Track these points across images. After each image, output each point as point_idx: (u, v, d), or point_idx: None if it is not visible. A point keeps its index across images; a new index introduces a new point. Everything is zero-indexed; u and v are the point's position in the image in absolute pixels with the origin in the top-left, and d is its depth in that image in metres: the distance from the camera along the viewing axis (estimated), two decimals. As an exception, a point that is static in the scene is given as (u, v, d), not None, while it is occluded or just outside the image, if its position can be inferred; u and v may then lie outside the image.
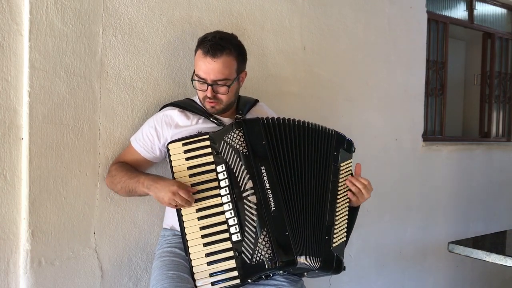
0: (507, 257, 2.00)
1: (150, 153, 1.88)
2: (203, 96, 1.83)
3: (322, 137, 1.83)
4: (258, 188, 1.68)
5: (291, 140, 1.77)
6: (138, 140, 1.89)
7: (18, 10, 1.75)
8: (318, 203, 1.76)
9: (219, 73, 1.77)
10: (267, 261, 1.63)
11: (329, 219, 1.76)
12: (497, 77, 4.27)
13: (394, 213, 3.13)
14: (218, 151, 1.72)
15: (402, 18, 3.12)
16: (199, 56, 1.79)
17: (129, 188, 1.79)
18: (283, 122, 1.79)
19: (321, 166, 1.80)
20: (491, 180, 3.86)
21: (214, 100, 1.81)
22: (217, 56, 1.75)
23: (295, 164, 1.76)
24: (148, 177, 1.76)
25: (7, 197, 1.75)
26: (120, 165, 1.88)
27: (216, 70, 1.76)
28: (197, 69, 1.81)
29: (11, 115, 1.75)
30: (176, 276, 1.67)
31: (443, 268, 3.52)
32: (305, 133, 1.80)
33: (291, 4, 2.52)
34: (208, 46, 1.75)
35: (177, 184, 1.65)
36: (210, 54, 1.75)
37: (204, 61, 1.76)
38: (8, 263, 1.76)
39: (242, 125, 1.73)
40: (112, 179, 1.85)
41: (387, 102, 3.04)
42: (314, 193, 1.77)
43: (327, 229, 1.75)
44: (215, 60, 1.75)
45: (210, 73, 1.77)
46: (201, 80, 1.79)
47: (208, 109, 1.86)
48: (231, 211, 1.68)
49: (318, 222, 1.75)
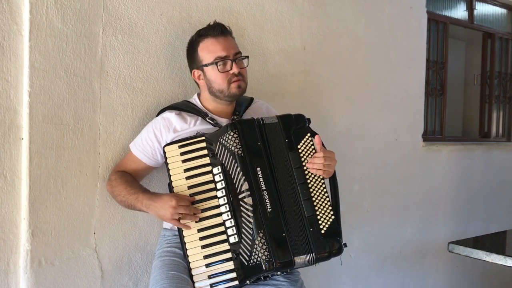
0: (507, 257, 2.00)
1: (151, 159, 1.87)
2: (228, 78, 1.82)
3: (273, 130, 1.76)
4: (254, 189, 1.68)
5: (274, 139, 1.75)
6: (137, 146, 1.88)
7: (18, 10, 1.75)
8: (293, 198, 1.72)
9: (236, 47, 1.87)
10: (265, 262, 1.63)
11: (307, 209, 1.70)
12: (497, 77, 4.27)
13: (394, 213, 3.13)
14: (214, 153, 1.72)
15: (402, 18, 3.12)
16: (209, 42, 1.84)
17: (129, 203, 1.78)
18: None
19: (284, 160, 1.74)
20: (491, 180, 3.86)
21: (240, 77, 1.83)
22: (227, 36, 1.87)
23: (282, 163, 1.74)
24: (146, 195, 1.73)
25: (7, 197, 1.75)
26: (120, 175, 1.85)
27: (234, 45, 1.87)
28: (211, 53, 1.82)
29: (11, 115, 1.75)
30: (176, 277, 1.67)
31: (443, 268, 3.52)
32: (271, 130, 1.76)
33: (291, 4, 2.52)
34: (218, 30, 1.84)
35: (175, 197, 1.64)
36: (222, 35, 1.85)
37: (219, 41, 1.83)
38: (8, 263, 1.76)
39: (237, 126, 1.72)
40: (113, 189, 1.85)
41: (387, 102, 3.04)
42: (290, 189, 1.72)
43: (309, 220, 1.70)
44: (227, 38, 1.86)
45: (230, 48, 1.83)
46: (223, 59, 1.81)
47: (233, 92, 1.83)
48: (228, 213, 1.68)
49: (299, 217, 1.70)
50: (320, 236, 1.69)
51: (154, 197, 1.71)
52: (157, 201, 1.68)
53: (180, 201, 1.63)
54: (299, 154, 1.75)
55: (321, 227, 1.70)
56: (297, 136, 1.76)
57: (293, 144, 1.75)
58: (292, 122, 1.77)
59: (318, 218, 1.71)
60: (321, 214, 1.72)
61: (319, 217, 1.71)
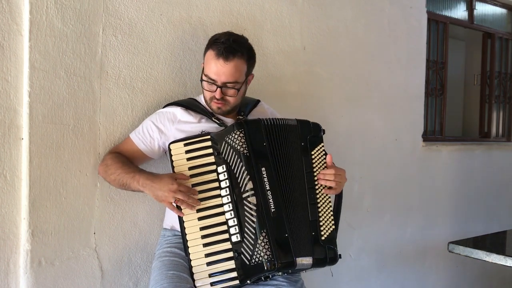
0: (507, 257, 2.00)
1: (147, 146, 1.86)
2: (210, 97, 1.83)
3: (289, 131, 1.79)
4: (258, 189, 1.68)
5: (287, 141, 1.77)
6: (137, 133, 1.88)
7: (18, 10, 1.75)
8: (301, 200, 1.74)
9: (230, 76, 1.77)
10: (266, 262, 1.63)
11: (312, 214, 1.74)
12: (497, 77, 4.27)
13: (394, 213, 3.13)
14: (219, 152, 1.72)
15: (402, 18, 3.12)
16: (211, 57, 1.78)
17: (123, 182, 1.76)
18: (281, 122, 1.78)
19: (295, 162, 1.77)
20: (491, 180, 3.86)
21: (221, 102, 1.81)
22: (230, 59, 1.75)
23: (291, 165, 1.75)
24: (143, 174, 1.73)
25: (7, 197, 1.75)
26: (115, 155, 1.84)
27: (228, 73, 1.76)
28: (207, 69, 1.79)
29: (11, 115, 1.75)
30: (176, 276, 1.66)
31: (443, 268, 3.52)
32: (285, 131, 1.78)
33: (291, 4, 2.52)
34: (222, 49, 1.74)
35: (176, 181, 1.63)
36: (223, 57, 1.74)
37: (216, 63, 1.76)
38: (8, 263, 1.76)
39: (244, 126, 1.72)
40: (106, 168, 1.82)
41: (387, 102, 3.04)
42: (298, 191, 1.75)
43: (312, 224, 1.73)
44: (227, 63, 1.75)
45: (221, 75, 1.77)
46: (211, 81, 1.79)
47: (214, 110, 1.85)
48: (231, 212, 1.68)
49: (304, 219, 1.73)
50: (320, 241, 1.72)
51: (152, 177, 1.69)
52: (156, 181, 1.66)
53: (181, 186, 1.63)
54: (311, 160, 1.79)
55: (322, 233, 1.74)
56: (311, 143, 1.80)
57: (307, 149, 1.79)
58: (309, 129, 1.82)
59: (320, 224, 1.74)
60: (323, 221, 1.76)
61: (321, 223, 1.75)
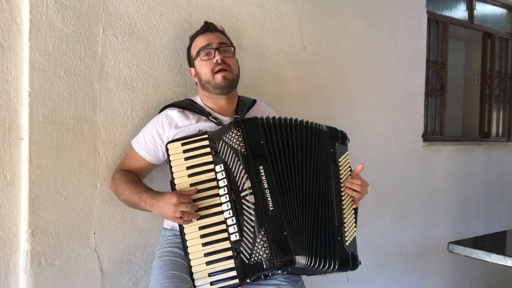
0: (507, 257, 2.00)
1: (153, 156, 1.87)
2: (212, 68, 1.86)
3: (316, 135, 1.83)
4: (256, 187, 1.68)
5: (289, 140, 1.77)
6: (140, 143, 1.88)
7: (18, 10, 1.75)
8: (324, 204, 1.77)
9: (221, 38, 1.93)
10: (265, 261, 1.62)
11: (339, 219, 1.78)
12: (497, 77, 4.27)
13: (394, 213, 3.13)
14: (217, 151, 1.72)
15: (402, 18, 3.12)
16: (197, 39, 1.93)
17: (133, 202, 1.79)
18: (282, 121, 1.78)
19: (321, 166, 1.80)
20: (491, 180, 3.86)
21: (224, 65, 1.86)
22: (215, 31, 1.95)
23: (293, 164, 1.75)
24: (149, 194, 1.74)
25: (7, 197, 1.75)
26: (123, 174, 1.86)
27: (218, 37, 1.92)
28: (198, 46, 1.90)
29: (11, 115, 1.75)
30: (176, 276, 1.66)
31: (443, 268, 3.52)
32: (302, 133, 1.80)
33: (291, 4, 2.52)
34: (205, 27, 1.95)
35: (176, 195, 1.64)
36: (209, 30, 1.94)
37: (204, 35, 1.92)
38: (8, 263, 1.76)
39: (241, 124, 1.72)
40: (116, 188, 1.85)
41: (387, 102, 3.04)
42: (317, 194, 1.77)
43: (338, 229, 1.77)
44: (214, 33, 1.94)
45: (213, 38, 1.90)
46: (207, 48, 1.87)
47: (219, 83, 1.86)
48: (230, 211, 1.68)
49: (328, 223, 1.76)
50: (344, 247, 1.77)
51: (157, 195, 1.72)
52: (160, 199, 1.68)
53: (181, 198, 1.63)
54: (338, 167, 1.83)
55: (346, 239, 1.78)
56: (339, 150, 1.85)
57: (335, 156, 1.84)
58: (338, 136, 1.88)
59: (345, 230, 1.79)
60: (347, 228, 1.80)
61: (346, 229, 1.79)
